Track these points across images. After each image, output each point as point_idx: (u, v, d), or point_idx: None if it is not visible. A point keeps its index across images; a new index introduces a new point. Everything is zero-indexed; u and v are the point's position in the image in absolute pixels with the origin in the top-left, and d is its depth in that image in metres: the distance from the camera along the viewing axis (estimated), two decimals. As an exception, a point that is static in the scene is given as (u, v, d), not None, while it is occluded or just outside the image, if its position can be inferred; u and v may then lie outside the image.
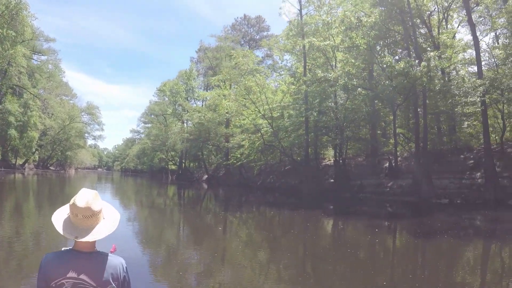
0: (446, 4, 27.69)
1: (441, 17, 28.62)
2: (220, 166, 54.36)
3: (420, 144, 23.70)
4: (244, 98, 31.16)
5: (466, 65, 25.97)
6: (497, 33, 26.22)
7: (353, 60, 24.38)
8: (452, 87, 21.12)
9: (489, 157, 21.24)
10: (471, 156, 24.76)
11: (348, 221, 16.73)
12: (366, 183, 26.84)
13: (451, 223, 16.19)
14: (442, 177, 23.28)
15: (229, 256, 9.17)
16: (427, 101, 23.48)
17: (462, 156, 25.24)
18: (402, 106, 24.61)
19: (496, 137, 25.67)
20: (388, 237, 12.93)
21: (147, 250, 9.34)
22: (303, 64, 29.54)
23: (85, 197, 2.06)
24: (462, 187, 22.32)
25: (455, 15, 30.12)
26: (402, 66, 19.73)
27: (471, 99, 19.70)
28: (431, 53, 20.18)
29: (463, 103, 21.03)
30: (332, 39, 25.77)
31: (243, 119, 33.11)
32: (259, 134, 31.25)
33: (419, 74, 19.54)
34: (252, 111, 31.32)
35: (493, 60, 24.86)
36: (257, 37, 54.47)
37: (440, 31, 27.68)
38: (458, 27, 29.51)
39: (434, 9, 28.56)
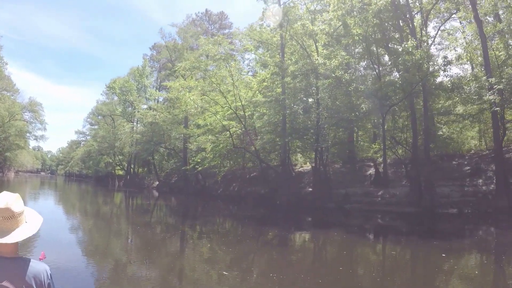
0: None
1: (422, 19, 24.97)
2: (172, 172, 47.68)
3: (418, 148, 19.50)
4: (210, 92, 25.19)
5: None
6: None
7: (343, 53, 19.62)
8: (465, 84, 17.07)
9: (500, 162, 17.95)
10: (465, 162, 21.16)
11: (351, 243, 12.69)
12: (351, 192, 22.19)
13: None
14: (440, 185, 19.39)
15: (185, 274, 8.27)
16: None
17: (454, 162, 21.55)
18: (398, 105, 20.22)
19: (488, 142, 22.39)
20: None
21: (92, 263, 8.61)
22: (279, 57, 24.33)
23: (5, 198, 1.90)
24: (466, 195, 18.72)
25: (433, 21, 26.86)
26: (418, 56, 15.26)
27: (490, 97, 15.63)
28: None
29: (477, 102, 17.04)
30: (314, 27, 20.85)
31: (209, 117, 27.11)
32: (228, 135, 25.47)
33: (439, 66, 15.21)
34: (220, 108, 25.50)
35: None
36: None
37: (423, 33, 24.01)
38: (438, 30, 25.98)
39: (417, 12, 24.99)
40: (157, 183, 49.03)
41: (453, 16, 27.42)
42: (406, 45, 15.85)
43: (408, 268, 9.32)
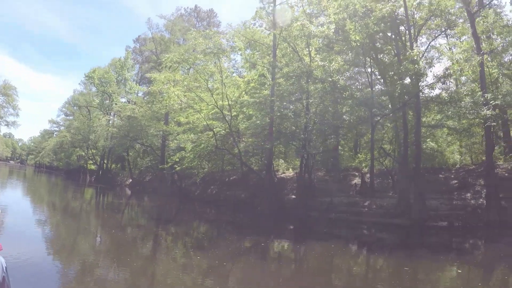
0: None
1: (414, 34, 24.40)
2: (147, 171, 45.23)
3: (408, 159, 18.64)
4: (196, 88, 23.41)
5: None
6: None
7: (339, 59, 18.56)
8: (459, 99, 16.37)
9: (492, 177, 17.45)
10: (452, 176, 20.57)
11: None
12: (336, 201, 21.02)
13: None
14: (428, 198, 18.71)
15: (156, 279, 7.67)
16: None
17: (441, 175, 20.91)
18: (387, 116, 19.29)
19: (473, 157, 21.95)
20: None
21: (57, 261, 8.25)
22: (270, 58, 22.99)
23: None
24: (455, 208, 18.18)
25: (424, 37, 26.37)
26: (422, 64, 14.38)
27: (488, 112, 14.93)
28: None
29: (471, 117, 16.35)
30: (313, 28, 19.62)
31: (192, 115, 25.29)
32: (210, 135, 23.77)
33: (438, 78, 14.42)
34: (205, 106, 23.76)
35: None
36: (206, 33, 46.43)
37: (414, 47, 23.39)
38: (428, 45, 25.44)
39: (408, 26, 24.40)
40: (130, 180, 46.55)
41: (441, 33, 27.34)
42: (411, 53, 14.89)
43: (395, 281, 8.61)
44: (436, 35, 26.09)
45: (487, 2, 20.73)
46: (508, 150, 19.36)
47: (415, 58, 14.64)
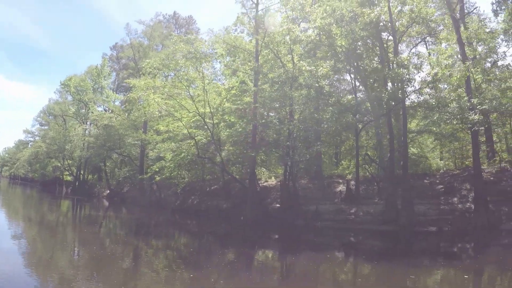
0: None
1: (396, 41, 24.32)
2: (125, 181, 43.37)
3: (394, 166, 18.17)
4: (177, 96, 22.37)
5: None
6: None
7: (324, 65, 18.05)
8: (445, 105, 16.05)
9: (480, 181, 17.23)
10: (437, 181, 20.30)
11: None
12: (321, 209, 20.30)
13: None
14: (416, 203, 18.40)
15: None
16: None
17: (426, 181, 20.59)
18: (372, 123, 18.85)
19: (457, 162, 21.77)
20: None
21: (34, 276, 7.93)
22: (251, 64, 22.21)
23: None
24: (443, 213, 17.83)
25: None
26: (412, 69, 14.01)
27: (475, 117, 14.64)
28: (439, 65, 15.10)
29: (457, 122, 16.05)
30: (296, 34, 19.00)
31: (173, 123, 24.18)
32: (191, 143, 22.72)
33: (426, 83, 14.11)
34: (186, 114, 22.71)
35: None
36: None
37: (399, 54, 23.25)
38: (409, 52, 25.41)
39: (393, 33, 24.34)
40: (108, 191, 44.55)
41: (421, 41, 27.42)
42: (400, 58, 14.49)
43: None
44: (417, 42, 26.19)
45: (468, 11, 20.84)
46: (491, 154, 19.19)
47: (405, 63, 14.24)
